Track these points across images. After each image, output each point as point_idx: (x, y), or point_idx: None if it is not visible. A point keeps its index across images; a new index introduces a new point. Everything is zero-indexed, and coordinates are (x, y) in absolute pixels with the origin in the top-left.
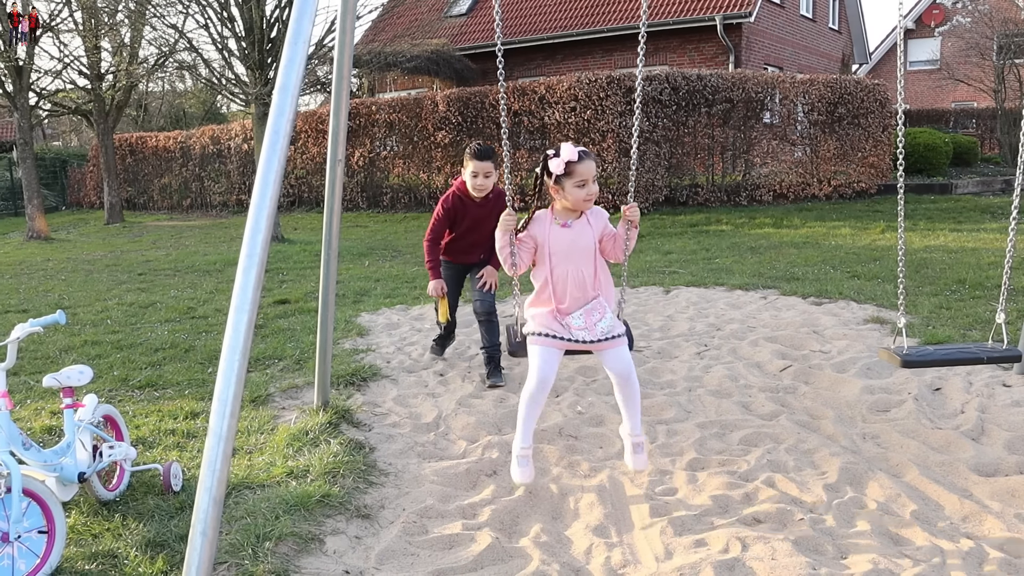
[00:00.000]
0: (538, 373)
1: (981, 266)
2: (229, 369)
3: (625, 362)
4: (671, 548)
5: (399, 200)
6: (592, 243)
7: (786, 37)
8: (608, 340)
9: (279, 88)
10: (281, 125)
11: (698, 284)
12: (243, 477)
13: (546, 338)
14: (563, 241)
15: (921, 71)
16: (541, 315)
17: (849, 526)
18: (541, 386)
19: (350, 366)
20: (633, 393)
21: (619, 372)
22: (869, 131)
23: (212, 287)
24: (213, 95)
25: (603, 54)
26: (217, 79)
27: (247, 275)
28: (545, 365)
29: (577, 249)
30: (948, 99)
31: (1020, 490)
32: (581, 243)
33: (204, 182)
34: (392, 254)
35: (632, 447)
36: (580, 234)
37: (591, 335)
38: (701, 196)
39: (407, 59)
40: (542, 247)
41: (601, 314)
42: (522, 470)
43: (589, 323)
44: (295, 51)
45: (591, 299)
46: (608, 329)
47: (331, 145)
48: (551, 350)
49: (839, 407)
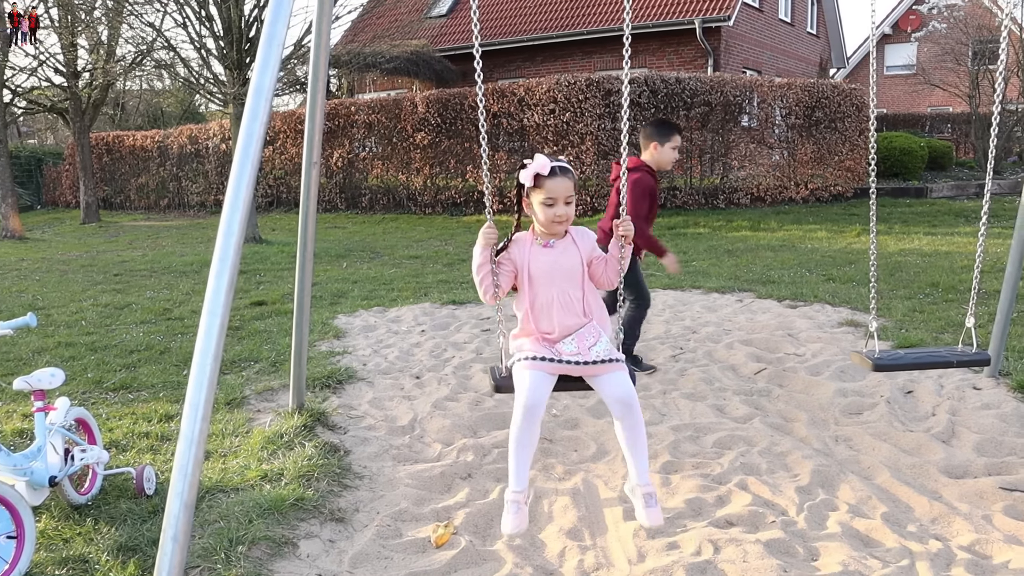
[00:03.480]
0: (526, 398)
1: (954, 270)
2: (201, 373)
3: (625, 388)
4: (644, 551)
5: (378, 201)
6: (579, 264)
7: (765, 41)
8: (605, 363)
9: (253, 91)
10: (255, 128)
11: (675, 287)
12: (217, 480)
13: (534, 361)
14: (545, 262)
15: (898, 76)
16: (528, 343)
17: (820, 528)
18: (530, 413)
19: (326, 368)
20: (637, 427)
21: (619, 399)
22: (846, 135)
23: (189, 288)
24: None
25: (583, 56)
26: (195, 78)
27: (219, 279)
28: (534, 389)
29: (561, 270)
30: (924, 104)
31: (988, 492)
32: (565, 263)
33: (182, 182)
34: (370, 256)
35: (644, 499)
36: (564, 254)
37: (585, 357)
38: (679, 199)
39: (386, 60)
40: (522, 271)
41: (595, 338)
42: (514, 518)
43: (582, 347)
44: (269, 54)
45: (583, 324)
46: (604, 352)
47: (306, 147)
48: (541, 374)
49: (812, 410)
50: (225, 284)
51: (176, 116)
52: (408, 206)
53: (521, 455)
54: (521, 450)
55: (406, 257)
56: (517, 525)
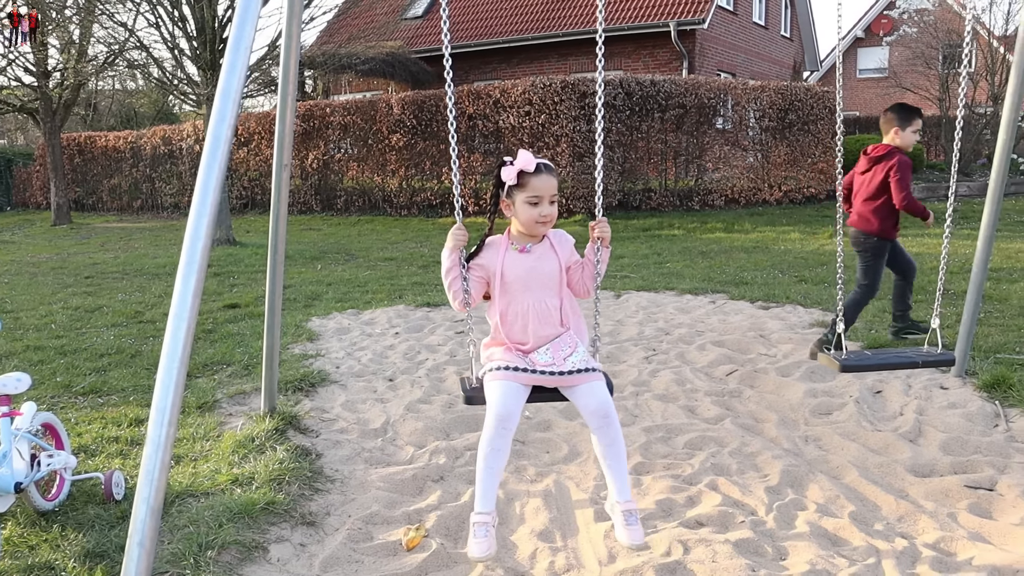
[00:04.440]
0: (497, 408)
1: (924, 271)
2: (168, 377)
3: (601, 399)
4: (614, 552)
5: (353, 203)
6: (556, 270)
7: (739, 44)
8: (581, 373)
9: (220, 93)
10: (222, 131)
11: (648, 288)
12: (187, 485)
13: (507, 371)
14: (520, 268)
15: (870, 79)
16: (499, 352)
17: (789, 528)
18: (501, 425)
19: (299, 371)
20: (616, 441)
21: (595, 410)
22: (819, 137)
23: (161, 291)
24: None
25: (559, 58)
26: (168, 79)
27: (186, 283)
28: (505, 399)
29: (538, 277)
30: None
31: (953, 490)
32: (543, 269)
33: (155, 183)
34: (345, 258)
35: (624, 517)
36: (541, 259)
37: (560, 367)
38: (654, 201)
39: (362, 61)
40: (495, 277)
41: (572, 348)
42: (482, 543)
43: (557, 357)
44: (237, 57)
45: (559, 334)
46: (580, 362)
47: (277, 150)
48: (513, 385)
49: (782, 410)
50: (192, 288)
51: (149, 117)
52: (383, 208)
53: (490, 472)
54: (490, 466)
55: (381, 259)
56: (485, 550)
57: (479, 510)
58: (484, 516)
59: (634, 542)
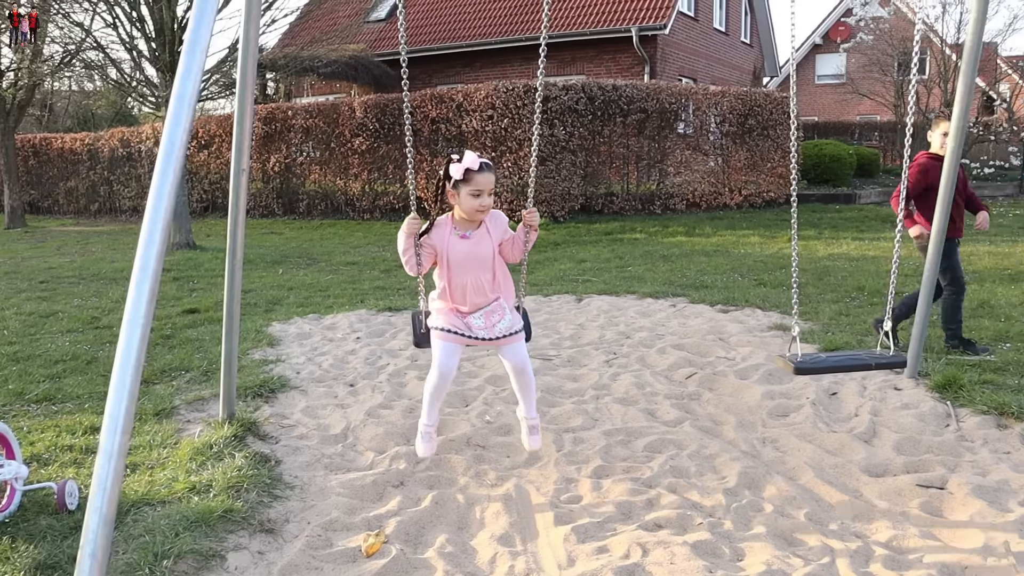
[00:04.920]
0: (439, 367)
1: (880, 274)
2: (121, 385)
3: (521, 356)
4: (574, 555)
5: (315, 207)
6: (490, 251)
7: (700, 49)
8: (507, 337)
9: (175, 98)
10: (177, 135)
11: (610, 292)
12: (143, 494)
13: (448, 334)
14: (461, 252)
15: (828, 85)
16: (444, 311)
17: (746, 529)
18: (442, 379)
19: (258, 377)
20: (528, 382)
21: (515, 365)
22: (778, 142)
23: (119, 296)
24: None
25: (522, 63)
26: (126, 81)
27: (140, 288)
28: (446, 360)
29: (475, 259)
30: (853, 112)
31: (906, 489)
32: (479, 253)
33: (113, 186)
34: (307, 262)
35: (528, 429)
36: (478, 244)
37: (490, 334)
38: (616, 205)
39: (324, 64)
40: (441, 255)
41: (501, 315)
42: (425, 444)
43: (489, 324)
44: (192, 60)
45: (491, 301)
46: (507, 328)
47: (235, 154)
48: (452, 345)
49: (741, 413)
50: (146, 294)
51: (107, 119)
52: (346, 212)
53: (433, 402)
54: (434, 399)
55: (343, 263)
56: (428, 450)
57: (426, 422)
58: (429, 427)
59: (534, 447)
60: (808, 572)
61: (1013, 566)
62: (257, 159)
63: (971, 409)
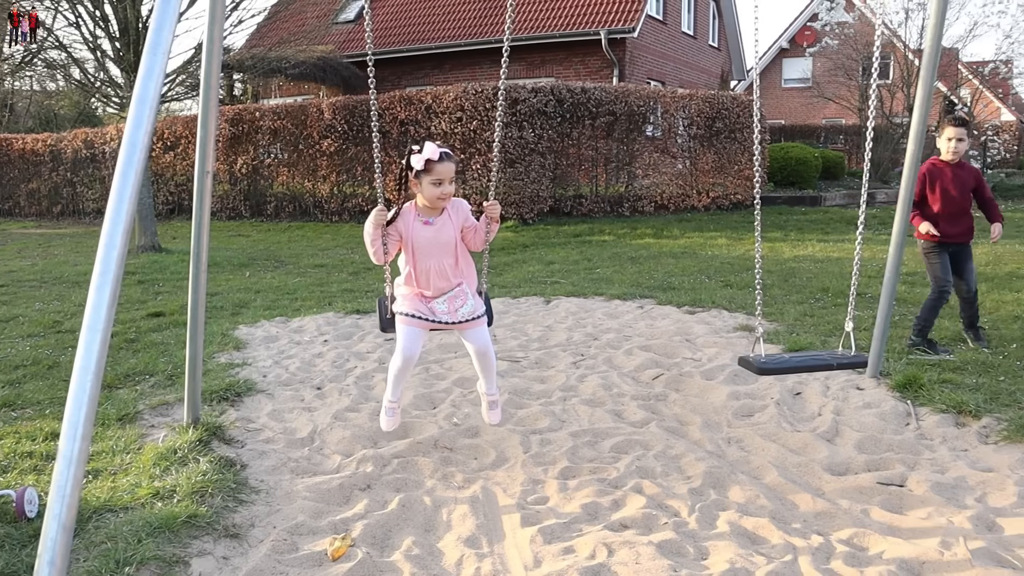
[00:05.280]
0: (403, 352)
1: (844, 275)
2: (80, 391)
3: (483, 339)
4: (540, 556)
5: (284, 209)
6: (452, 238)
7: (668, 53)
8: (469, 321)
9: (137, 100)
10: (138, 138)
11: (578, 294)
12: (105, 500)
13: (412, 319)
14: (425, 238)
15: (794, 88)
16: (409, 297)
17: (710, 528)
18: (406, 362)
19: (224, 381)
20: (489, 363)
21: (478, 348)
22: (745, 145)
23: (81, 299)
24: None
25: (491, 65)
26: (90, 81)
27: (100, 293)
28: (410, 344)
29: (438, 245)
30: (819, 116)
31: (867, 487)
32: (442, 239)
33: (77, 188)
34: (274, 264)
35: (488, 404)
36: (441, 230)
37: (453, 318)
38: (585, 207)
39: (292, 65)
40: (406, 242)
41: (463, 300)
42: (389, 419)
43: (452, 308)
44: (154, 62)
45: (454, 287)
46: (470, 312)
47: (199, 157)
48: (416, 330)
49: (706, 413)
50: (107, 299)
51: (70, 119)
52: (314, 214)
53: (398, 381)
54: (399, 379)
55: (311, 266)
56: (391, 424)
57: (390, 398)
58: (393, 403)
59: (492, 421)
60: (771, 570)
61: (969, 561)
62: (224, 161)
63: (930, 408)
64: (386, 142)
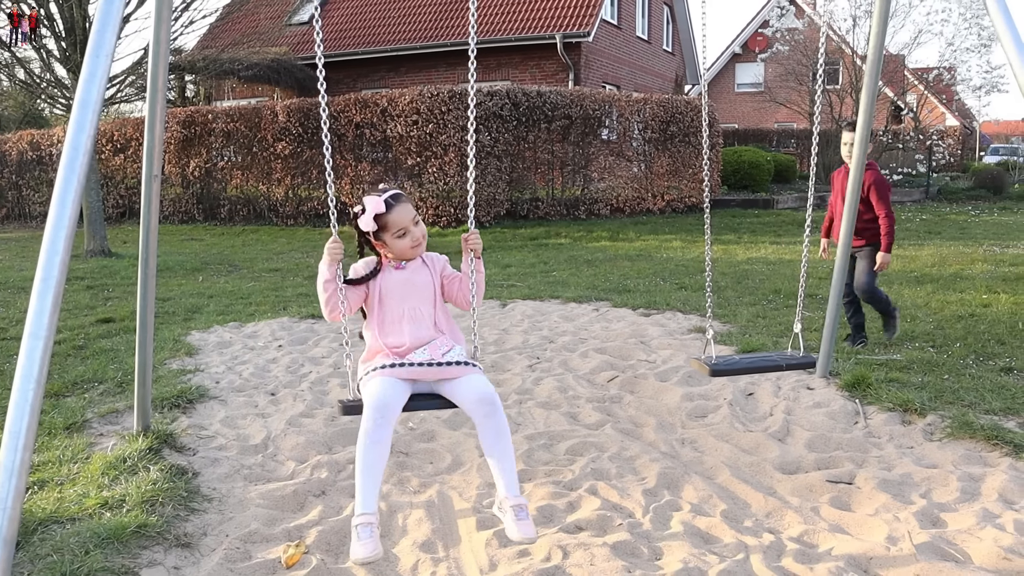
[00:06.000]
0: (375, 400)
1: (796, 277)
2: (22, 400)
3: (484, 388)
4: (495, 560)
5: (238, 212)
6: (430, 282)
7: (623, 57)
8: (460, 365)
9: (79, 103)
10: (81, 142)
11: (534, 297)
12: (52, 511)
13: (383, 369)
14: (396, 281)
15: (747, 93)
16: (377, 359)
17: (664, 528)
18: (379, 414)
19: (175, 387)
20: (503, 433)
21: (480, 399)
22: (699, 149)
23: (27, 305)
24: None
25: (447, 68)
26: (35, 81)
27: (42, 300)
28: (383, 391)
29: (413, 287)
30: (771, 120)
31: (817, 485)
32: (417, 281)
33: (22, 191)
34: (228, 268)
35: (514, 512)
36: (416, 273)
37: (438, 360)
38: (541, 210)
39: (245, 67)
40: (372, 290)
41: (448, 347)
42: (363, 544)
43: (435, 354)
44: (97, 64)
45: (434, 337)
46: (459, 356)
47: (146, 160)
48: (391, 379)
49: (661, 414)
50: (49, 305)
51: (15, 120)
52: (269, 217)
53: (370, 469)
54: (370, 463)
55: (266, 270)
56: (372, 550)
57: (361, 511)
58: (367, 517)
59: (527, 536)
60: (723, 569)
61: (914, 555)
62: (176, 164)
63: (878, 406)
64: (342, 145)
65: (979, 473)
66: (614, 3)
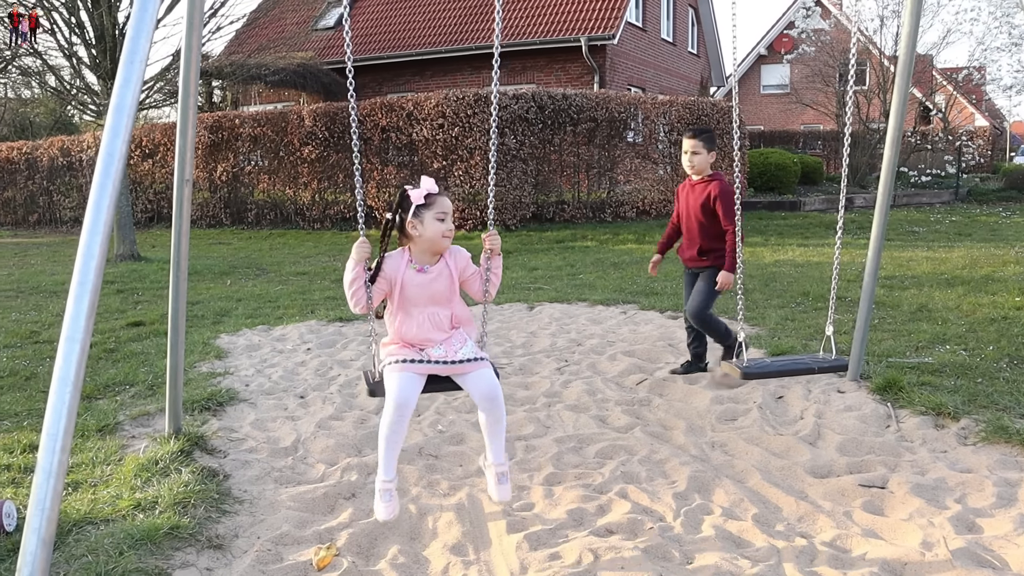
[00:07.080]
0: (395, 397)
1: (824, 279)
2: (60, 402)
3: (491, 383)
4: (526, 563)
5: (264, 216)
6: (448, 287)
7: (648, 59)
8: (471, 361)
9: (114, 108)
10: (116, 147)
11: (561, 300)
12: (86, 512)
13: (404, 363)
14: (417, 286)
15: (773, 95)
16: (397, 348)
17: (695, 532)
18: (400, 412)
19: (206, 390)
20: (499, 418)
21: (485, 394)
22: (724, 151)
23: (59, 309)
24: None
25: (472, 71)
26: (66, 88)
27: (79, 304)
28: (403, 389)
29: (432, 293)
30: (797, 121)
31: (849, 489)
32: (437, 287)
33: (53, 196)
34: (256, 272)
35: (496, 477)
36: (437, 278)
37: (453, 358)
38: (567, 213)
39: (272, 72)
40: (395, 288)
41: (462, 343)
42: (385, 505)
43: (450, 351)
44: (131, 70)
45: (450, 336)
46: (471, 353)
47: (178, 165)
48: (409, 375)
49: (690, 417)
50: (85, 309)
51: (46, 127)
52: (296, 221)
53: (390, 449)
54: (390, 445)
55: (293, 274)
56: (391, 511)
57: (383, 478)
58: (388, 483)
59: (503, 498)
60: (755, 573)
61: (950, 561)
62: (204, 168)
63: (910, 410)
64: (367, 149)
65: (1015, 478)
66: (639, 5)
